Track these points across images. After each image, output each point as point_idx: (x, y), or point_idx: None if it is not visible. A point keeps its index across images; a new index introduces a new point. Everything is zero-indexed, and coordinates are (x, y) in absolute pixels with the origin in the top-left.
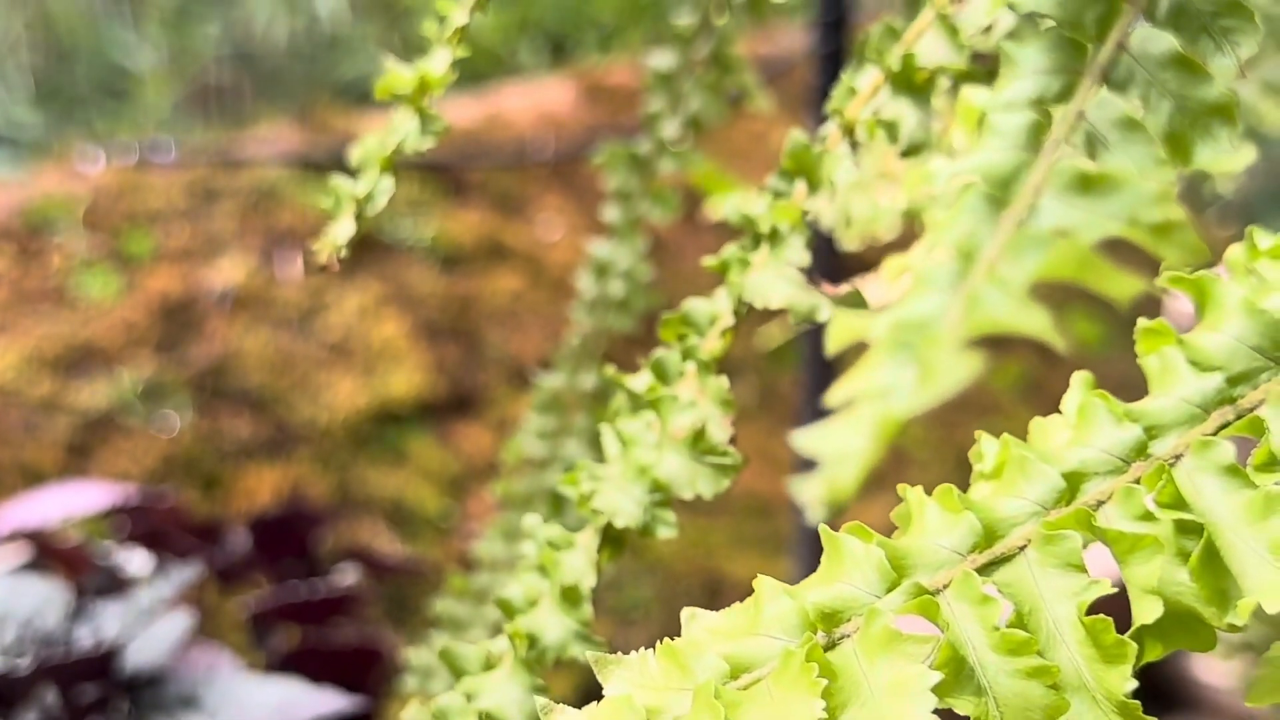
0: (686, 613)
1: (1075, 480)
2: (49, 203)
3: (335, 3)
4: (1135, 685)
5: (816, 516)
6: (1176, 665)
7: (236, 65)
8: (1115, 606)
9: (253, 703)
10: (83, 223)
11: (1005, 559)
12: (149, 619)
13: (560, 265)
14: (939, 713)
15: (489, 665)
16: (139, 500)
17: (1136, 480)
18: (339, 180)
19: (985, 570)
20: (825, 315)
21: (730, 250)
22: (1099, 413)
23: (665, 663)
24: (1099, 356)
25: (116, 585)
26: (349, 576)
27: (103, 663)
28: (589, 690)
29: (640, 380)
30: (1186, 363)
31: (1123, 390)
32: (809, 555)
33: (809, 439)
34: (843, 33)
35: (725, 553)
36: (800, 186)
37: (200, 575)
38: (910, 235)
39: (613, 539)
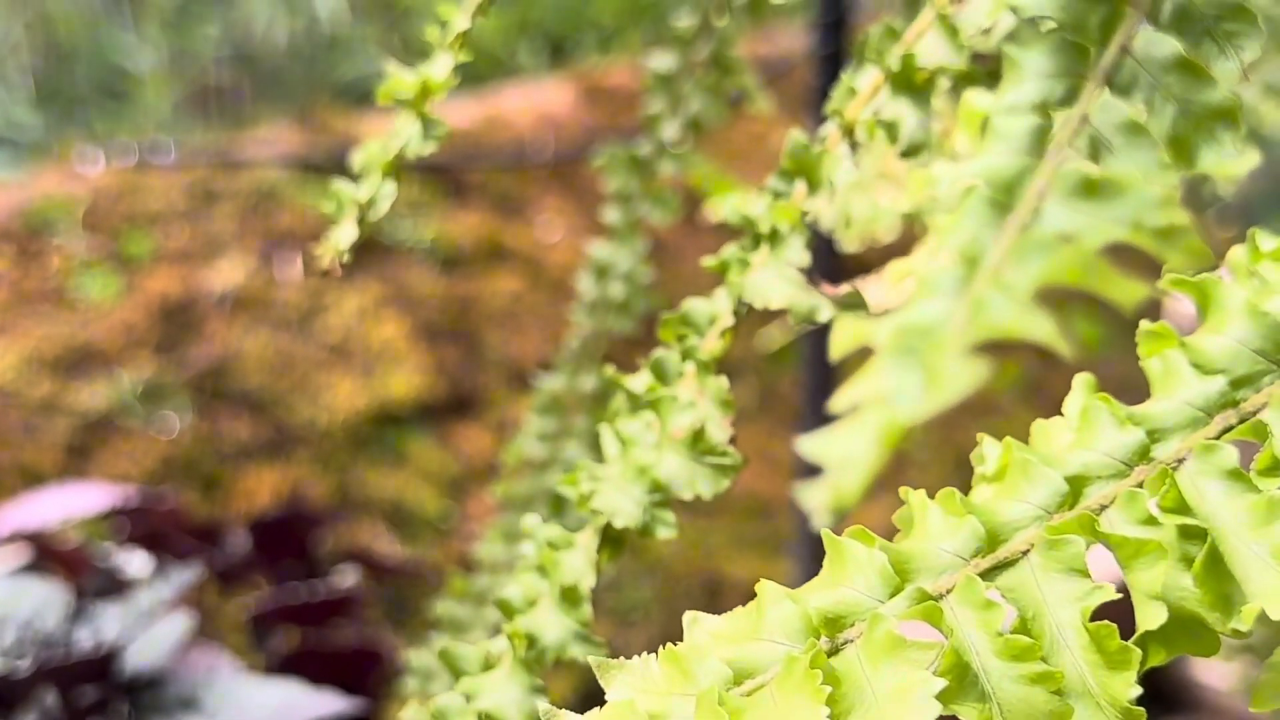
0: (688, 617)
1: (1078, 484)
2: (49, 204)
3: (335, 3)
4: (1139, 691)
5: (821, 522)
6: (1177, 667)
7: (236, 66)
8: (1118, 612)
9: (252, 704)
10: (82, 224)
11: (1008, 563)
12: (149, 621)
13: (560, 266)
14: (942, 719)
15: (488, 665)
16: (139, 502)
17: (1139, 484)
18: (341, 184)
19: (988, 575)
20: (825, 316)
21: (730, 251)
22: (1101, 416)
23: (668, 667)
24: (1099, 357)
25: (116, 587)
26: (349, 578)
27: (102, 664)
28: (588, 691)
29: (640, 380)
30: (1189, 366)
31: (1124, 392)
32: (809, 556)
33: (814, 445)
34: (842, 33)
35: (725, 554)
36: (800, 187)
37: (200, 577)
38: (910, 237)
39: (612, 539)
